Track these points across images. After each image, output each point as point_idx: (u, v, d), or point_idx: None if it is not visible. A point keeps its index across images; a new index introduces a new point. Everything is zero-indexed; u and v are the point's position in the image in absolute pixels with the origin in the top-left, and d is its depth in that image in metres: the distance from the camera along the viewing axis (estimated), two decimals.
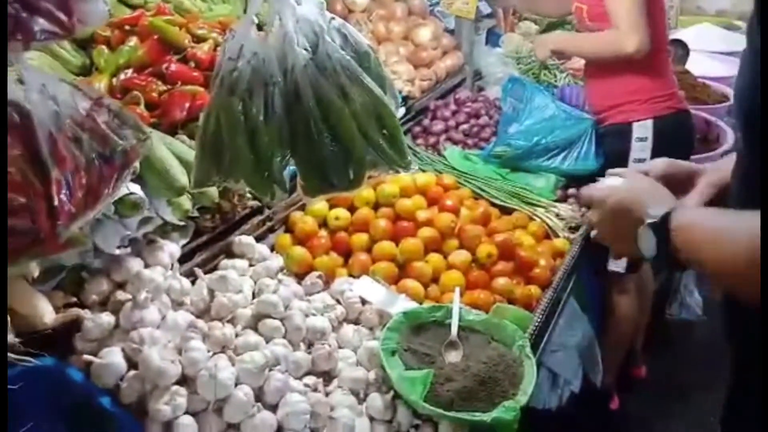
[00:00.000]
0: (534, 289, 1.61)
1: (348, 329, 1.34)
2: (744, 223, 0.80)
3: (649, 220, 0.91)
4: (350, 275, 1.53)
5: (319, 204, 1.62)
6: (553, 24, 2.99)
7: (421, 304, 1.46)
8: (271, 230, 1.63)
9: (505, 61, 2.68)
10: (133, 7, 1.91)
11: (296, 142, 0.79)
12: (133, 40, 1.72)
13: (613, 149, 2.11)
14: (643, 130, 2.06)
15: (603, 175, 2.04)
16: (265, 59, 0.78)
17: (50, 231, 0.79)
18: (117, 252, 1.23)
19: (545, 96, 1.98)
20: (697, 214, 0.94)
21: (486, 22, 2.88)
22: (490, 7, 2.73)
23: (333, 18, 0.80)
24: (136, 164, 1.22)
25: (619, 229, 0.99)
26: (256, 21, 0.81)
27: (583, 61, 2.31)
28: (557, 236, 1.83)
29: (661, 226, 0.90)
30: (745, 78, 0.91)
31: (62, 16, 0.75)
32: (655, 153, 1.98)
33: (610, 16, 1.93)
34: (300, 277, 1.46)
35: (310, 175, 0.80)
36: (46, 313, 1.10)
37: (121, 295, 1.21)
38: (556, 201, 1.97)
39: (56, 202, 0.78)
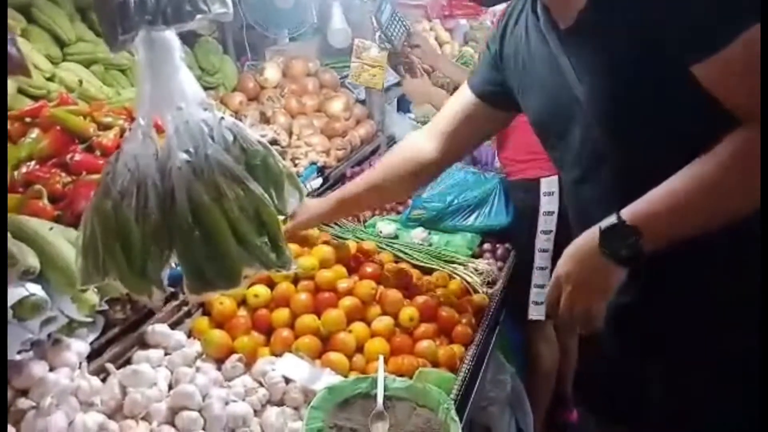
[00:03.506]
0: (457, 348, 1.63)
1: (272, 412, 1.31)
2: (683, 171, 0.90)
3: (604, 225, 0.94)
4: (273, 354, 1.51)
5: None
6: None
7: (346, 376, 1.45)
8: (188, 314, 1.59)
9: (417, 126, 2.80)
10: (35, 98, 1.89)
11: (174, 242, 0.80)
12: (35, 132, 1.69)
13: (523, 203, 2.22)
14: (550, 185, 2.20)
15: (515, 229, 2.14)
16: (143, 162, 0.80)
17: None
18: (18, 357, 1.16)
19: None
20: (633, 204, 0.94)
21: (395, 90, 3.01)
22: (398, 75, 2.87)
23: (223, 118, 0.83)
24: (36, 264, 1.20)
25: (591, 268, 1.00)
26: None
27: None
28: (477, 292, 1.89)
29: (619, 228, 0.92)
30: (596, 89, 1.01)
31: None
32: (564, 205, 2.11)
33: None
34: (220, 362, 1.43)
35: (190, 274, 0.81)
36: None
37: (23, 403, 1.14)
38: (473, 257, 2.04)
39: None
